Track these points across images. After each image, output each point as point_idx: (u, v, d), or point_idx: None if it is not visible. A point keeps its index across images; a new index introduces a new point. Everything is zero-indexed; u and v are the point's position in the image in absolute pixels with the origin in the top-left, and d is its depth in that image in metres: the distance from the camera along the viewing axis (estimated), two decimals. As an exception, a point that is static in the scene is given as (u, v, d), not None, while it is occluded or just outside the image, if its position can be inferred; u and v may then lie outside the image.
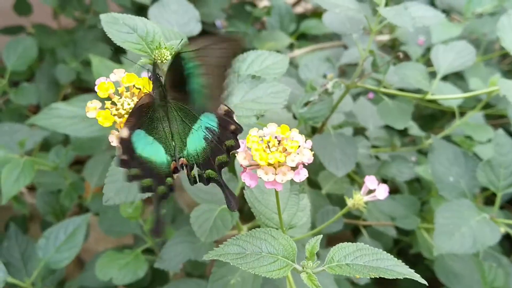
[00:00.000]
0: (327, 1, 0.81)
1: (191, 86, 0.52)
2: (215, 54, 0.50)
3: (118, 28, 0.55)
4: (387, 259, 0.50)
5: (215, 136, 0.53)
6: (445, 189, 0.91)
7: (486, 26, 1.22)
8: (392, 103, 0.90)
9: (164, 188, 0.52)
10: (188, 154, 0.53)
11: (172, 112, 0.54)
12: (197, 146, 0.53)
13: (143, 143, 0.52)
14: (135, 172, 0.51)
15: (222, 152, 0.53)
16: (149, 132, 0.53)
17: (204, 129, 0.53)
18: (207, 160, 0.53)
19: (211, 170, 0.53)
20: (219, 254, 0.50)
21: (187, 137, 0.54)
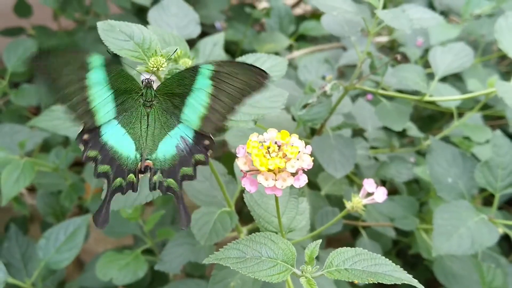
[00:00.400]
0: (325, 3, 0.81)
1: (190, 100, 0.53)
2: (236, 84, 0.51)
3: (114, 36, 0.56)
4: (385, 264, 0.50)
5: (187, 147, 0.54)
6: (444, 190, 0.91)
7: (484, 28, 1.23)
8: (390, 105, 0.90)
9: (122, 181, 0.53)
10: (156, 158, 0.54)
11: (154, 114, 0.54)
12: (166, 152, 0.54)
13: (113, 131, 0.53)
14: (93, 154, 0.52)
15: (189, 165, 0.54)
16: (124, 124, 0.54)
17: (178, 137, 0.54)
18: (172, 169, 0.54)
19: (172, 180, 0.54)
20: (219, 258, 0.50)
21: (160, 141, 0.54)
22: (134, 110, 0.54)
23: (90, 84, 0.51)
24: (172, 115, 0.54)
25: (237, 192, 0.77)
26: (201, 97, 0.53)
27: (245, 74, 0.51)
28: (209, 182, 0.77)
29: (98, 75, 0.51)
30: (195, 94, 0.53)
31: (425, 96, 0.89)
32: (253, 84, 0.51)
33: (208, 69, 0.52)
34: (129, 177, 0.53)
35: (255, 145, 0.49)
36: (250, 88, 0.51)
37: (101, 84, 0.52)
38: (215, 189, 0.76)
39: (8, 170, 0.93)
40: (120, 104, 0.53)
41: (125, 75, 0.53)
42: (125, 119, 0.54)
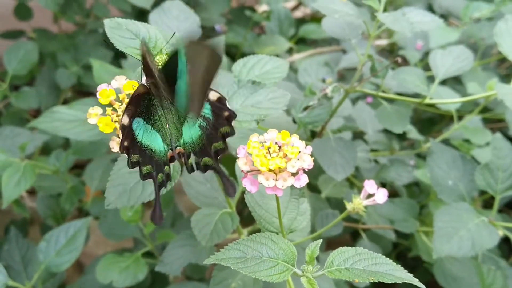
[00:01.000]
0: (326, 6, 0.81)
1: (180, 83, 0.53)
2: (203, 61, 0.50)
3: (121, 34, 0.56)
4: (386, 264, 0.50)
5: (210, 124, 0.54)
6: (444, 193, 0.91)
7: (484, 31, 1.23)
8: (391, 108, 0.91)
9: (162, 176, 0.53)
10: (184, 143, 0.54)
11: (166, 101, 0.54)
12: (192, 134, 0.54)
13: (142, 131, 0.53)
14: (136, 158, 0.52)
15: (217, 139, 0.54)
16: (148, 120, 0.53)
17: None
18: (204, 148, 0.54)
19: (207, 158, 0.54)
20: (220, 259, 0.50)
21: (182, 125, 0.54)
22: (149, 104, 0.54)
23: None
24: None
25: (238, 194, 0.77)
26: (183, 79, 0.52)
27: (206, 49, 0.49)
28: (210, 184, 0.77)
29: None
30: (180, 78, 0.52)
31: (425, 99, 0.89)
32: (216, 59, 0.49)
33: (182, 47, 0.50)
34: (165, 169, 0.53)
35: (256, 145, 0.49)
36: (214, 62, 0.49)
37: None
38: (216, 190, 0.76)
39: (8, 173, 0.93)
40: (141, 105, 0.53)
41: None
42: (147, 115, 0.54)
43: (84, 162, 1.24)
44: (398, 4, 1.41)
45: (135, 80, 0.55)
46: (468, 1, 1.26)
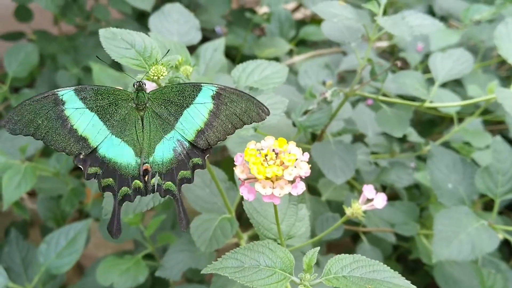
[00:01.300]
0: (325, 10, 0.81)
1: (189, 112, 0.54)
2: (236, 110, 0.53)
3: (116, 44, 0.56)
4: (383, 271, 0.50)
5: (185, 151, 0.54)
6: (444, 196, 0.91)
7: (484, 33, 1.23)
8: (391, 111, 0.90)
9: (127, 189, 0.53)
10: (153, 161, 0.54)
11: (148, 117, 0.55)
12: (164, 155, 0.54)
13: (108, 144, 0.54)
14: (94, 170, 0.53)
15: (187, 168, 0.54)
16: (118, 134, 0.54)
17: (175, 140, 0.54)
18: (170, 172, 0.54)
19: (171, 183, 0.54)
20: (218, 268, 0.50)
21: (157, 144, 0.54)
22: (126, 116, 0.54)
23: (70, 116, 0.52)
24: (166, 120, 0.55)
25: (238, 199, 0.77)
26: (201, 112, 0.54)
27: (246, 103, 0.53)
28: (209, 188, 0.77)
29: (73, 105, 0.52)
30: (195, 108, 0.54)
31: (425, 102, 0.89)
32: (252, 114, 0.53)
33: (211, 89, 0.53)
34: (134, 184, 0.53)
35: (253, 153, 0.49)
36: (249, 117, 0.54)
37: (81, 111, 0.53)
38: (215, 195, 0.76)
39: (9, 175, 0.93)
40: (109, 119, 0.54)
41: (103, 91, 0.54)
42: (118, 129, 0.54)
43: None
44: (398, 6, 1.40)
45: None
46: (469, 3, 1.26)
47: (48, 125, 0.51)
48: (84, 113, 0.53)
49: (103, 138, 0.53)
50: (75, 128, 0.53)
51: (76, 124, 0.53)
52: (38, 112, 0.51)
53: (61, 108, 0.52)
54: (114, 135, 0.54)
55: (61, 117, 0.52)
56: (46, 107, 0.51)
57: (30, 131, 0.51)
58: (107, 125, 0.54)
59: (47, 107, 0.51)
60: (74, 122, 0.52)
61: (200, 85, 0.54)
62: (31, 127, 0.51)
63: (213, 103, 0.53)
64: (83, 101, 0.53)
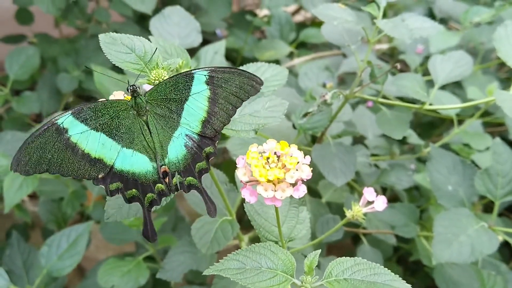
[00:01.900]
0: (325, 13, 0.82)
1: (189, 105, 0.55)
2: (232, 89, 0.54)
3: (116, 49, 0.56)
4: (384, 274, 0.50)
5: (195, 144, 0.55)
6: (444, 198, 0.91)
7: (484, 35, 1.23)
8: (390, 113, 0.91)
9: (152, 195, 0.54)
10: (169, 162, 0.54)
11: (152, 120, 0.55)
12: (178, 153, 0.55)
13: (121, 157, 0.54)
14: (115, 186, 0.53)
15: (202, 159, 0.55)
16: (128, 145, 0.54)
17: (184, 136, 0.55)
18: (188, 167, 0.54)
19: (191, 177, 0.54)
20: (219, 270, 0.50)
21: (168, 144, 0.55)
22: (131, 126, 0.54)
23: (77, 142, 0.52)
24: (170, 119, 0.55)
25: (238, 201, 0.77)
26: (200, 101, 0.54)
27: (239, 78, 0.54)
28: (210, 190, 0.77)
29: (76, 130, 0.52)
30: (193, 99, 0.54)
31: (425, 104, 0.89)
32: (247, 88, 0.54)
33: (203, 74, 0.54)
34: (157, 188, 0.54)
35: (255, 155, 0.50)
36: (245, 92, 0.54)
37: (86, 134, 0.52)
38: (216, 197, 0.76)
39: (10, 178, 0.93)
40: (116, 133, 0.54)
41: (101, 107, 0.53)
42: (127, 140, 0.54)
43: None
44: (397, 8, 1.41)
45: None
46: (468, 5, 1.26)
47: (60, 157, 0.51)
48: (90, 135, 0.52)
49: (116, 153, 0.53)
50: (87, 152, 0.52)
51: (86, 148, 0.52)
52: (45, 147, 0.50)
53: (66, 137, 0.51)
54: (125, 147, 0.54)
55: (69, 145, 0.51)
56: (50, 140, 0.50)
57: (43, 168, 0.50)
58: (116, 140, 0.54)
59: (52, 139, 0.50)
60: (84, 147, 0.52)
61: (191, 72, 0.54)
62: (43, 163, 0.50)
63: (209, 89, 0.54)
64: (85, 123, 0.52)
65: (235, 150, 0.84)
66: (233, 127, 0.58)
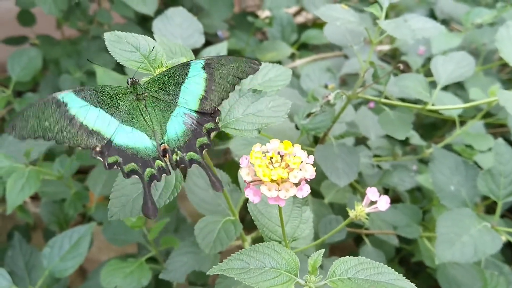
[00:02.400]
0: (328, 14, 0.82)
1: (186, 86, 0.56)
2: (229, 70, 0.56)
3: (121, 47, 0.57)
4: (388, 273, 0.50)
5: (194, 120, 0.56)
6: (446, 198, 0.91)
7: (486, 36, 1.23)
8: (393, 114, 0.91)
9: (152, 170, 0.54)
10: (168, 139, 0.55)
11: (150, 103, 0.56)
12: (177, 130, 0.56)
13: (121, 133, 0.55)
14: (113, 159, 0.54)
15: (202, 135, 0.56)
16: (128, 122, 0.55)
17: (182, 114, 0.56)
18: (188, 143, 0.55)
19: (193, 152, 0.55)
20: (223, 269, 0.51)
21: (167, 124, 0.56)
22: (130, 107, 0.56)
23: (76, 114, 0.53)
24: (168, 100, 0.57)
25: (241, 201, 0.77)
26: (197, 82, 0.56)
27: (236, 63, 0.56)
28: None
29: (76, 104, 0.53)
30: (190, 80, 0.56)
31: (427, 105, 0.89)
32: (246, 69, 0.56)
33: (199, 62, 0.56)
34: (156, 164, 0.54)
35: (258, 155, 0.50)
36: (243, 72, 0.56)
37: (86, 108, 0.54)
38: (218, 197, 0.77)
39: (13, 179, 0.93)
40: (114, 111, 0.55)
41: (102, 89, 0.55)
42: (127, 118, 0.55)
43: (87, 167, 1.24)
44: (399, 9, 1.41)
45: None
46: (470, 6, 1.26)
47: (57, 126, 0.52)
48: (90, 109, 0.54)
49: (114, 129, 0.55)
50: (85, 124, 0.53)
51: (84, 120, 0.53)
52: (43, 115, 0.51)
53: (65, 109, 0.52)
54: (125, 124, 0.55)
55: (68, 116, 0.52)
56: (49, 110, 0.52)
57: (38, 134, 0.51)
58: (115, 116, 0.55)
59: (50, 109, 0.52)
60: (83, 119, 0.53)
61: (188, 63, 0.56)
62: (39, 130, 0.51)
63: (205, 72, 0.56)
64: (85, 99, 0.54)
65: (238, 150, 0.84)
66: (237, 127, 0.58)
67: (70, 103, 0.53)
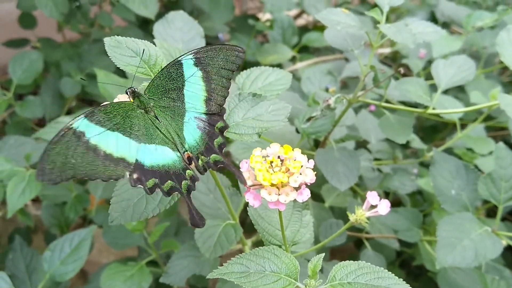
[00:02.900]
0: (329, 18, 0.82)
1: (188, 90, 0.57)
2: (220, 63, 0.57)
3: (121, 52, 0.57)
4: (388, 278, 0.50)
5: (206, 123, 0.57)
6: (447, 202, 0.91)
7: (486, 39, 1.23)
8: (394, 118, 0.91)
9: (187, 182, 0.54)
10: (189, 147, 0.56)
11: (159, 113, 0.56)
12: (194, 136, 0.56)
13: (146, 154, 0.54)
14: (152, 183, 0.53)
15: (217, 135, 0.56)
16: (148, 141, 0.55)
17: (193, 119, 0.57)
18: (208, 146, 0.56)
19: (215, 155, 0.55)
20: (223, 273, 0.50)
21: (182, 131, 0.56)
22: (143, 123, 0.55)
23: (97, 143, 0.52)
24: (175, 107, 0.57)
25: (241, 204, 0.77)
26: (196, 83, 0.57)
27: (222, 52, 0.57)
28: (213, 194, 0.77)
29: (93, 132, 0.52)
30: (189, 83, 0.57)
31: (428, 108, 0.89)
32: (233, 59, 0.57)
33: (189, 58, 0.56)
34: (188, 174, 0.54)
35: (258, 159, 0.50)
36: (232, 63, 0.57)
37: (104, 135, 0.52)
38: (219, 201, 0.77)
39: (14, 182, 0.94)
40: (131, 132, 0.54)
41: (111, 108, 0.54)
42: (146, 136, 0.55)
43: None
44: (400, 12, 1.41)
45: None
46: (471, 9, 1.26)
47: (84, 160, 0.50)
48: (108, 136, 0.52)
49: (136, 151, 0.54)
50: (109, 153, 0.52)
51: (107, 148, 0.52)
52: (67, 152, 0.49)
53: (85, 139, 0.51)
54: (147, 143, 0.54)
55: (90, 147, 0.51)
56: (71, 144, 0.50)
57: (69, 174, 0.49)
58: (132, 138, 0.54)
59: (72, 144, 0.50)
60: (106, 148, 0.52)
61: (179, 60, 0.56)
62: (68, 169, 0.49)
63: (199, 69, 0.56)
64: (100, 124, 0.52)
65: (238, 154, 0.84)
66: (237, 131, 0.58)
67: (88, 132, 0.51)
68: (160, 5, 1.19)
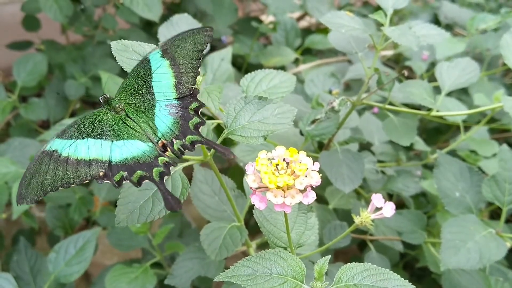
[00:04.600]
0: (333, 21, 0.82)
1: (156, 81, 0.57)
2: (187, 47, 0.56)
3: (128, 55, 0.58)
4: (394, 279, 0.50)
5: (178, 107, 0.57)
6: (451, 204, 0.91)
7: (490, 42, 1.23)
8: (398, 120, 0.91)
9: (159, 169, 0.54)
10: (163, 134, 0.56)
11: (130, 111, 0.57)
12: (166, 123, 0.56)
13: (115, 150, 0.55)
14: (119, 176, 0.54)
15: (192, 117, 0.56)
16: (117, 138, 0.56)
17: (165, 107, 0.57)
18: (182, 129, 0.56)
19: (190, 136, 0.56)
20: (230, 276, 0.51)
21: (154, 121, 0.56)
22: (113, 123, 0.56)
23: (69, 154, 0.53)
24: (145, 101, 0.57)
25: (246, 207, 0.78)
26: (164, 71, 0.57)
27: (190, 38, 0.56)
28: (218, 196, 0.77)
29: (64, 146, 0.53)
30: (157, 74, 0.57)
31: (432, 111, 0.89)
32: (202, 40, 0.57)
33: (157, 52, 0.56)
34: (160, 161, 0.55)
35: (264, 162, 0.50)
36: (200, 43, 0.57)
37: (74, 144, 0.54)
38: (224, 203, 0.77)
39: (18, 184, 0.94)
40: (101, 134, 0.56)
41: (80, 121, 0.56)
42: (115, 134, 0.56)
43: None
44: (403, 14, 1.41)
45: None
46: (474, 12, 1.27)
47: (58, 173, 0.52)
48: (78, 144, 0.54)
49: (109, 149, 0.55)
50: (81, 158, 0.54)
51: (79, 155, 0.54)
52: (39, 171, 0.51)
53: (57, 155, 0.53)
54: (115, 140, 0.55)
55: (62, 160, 0.53)
56: (43, 164, 0.52)
57: (47, 189, 0.51)
58: (103, 138, 0.55)
59: (45, 163, 0.52)
60: (77, 155, 0.54)
61: (146, 58, 0.57)
62: (45, 185, 0.51)
63: (166, 59, 0.56)
64: (70, 137, 0.54)
65: (243, 156, 0.84)
66: (242, 134, 0.58)
67: (60, 148, 0.53)
68: (164, 7, 1.19)
